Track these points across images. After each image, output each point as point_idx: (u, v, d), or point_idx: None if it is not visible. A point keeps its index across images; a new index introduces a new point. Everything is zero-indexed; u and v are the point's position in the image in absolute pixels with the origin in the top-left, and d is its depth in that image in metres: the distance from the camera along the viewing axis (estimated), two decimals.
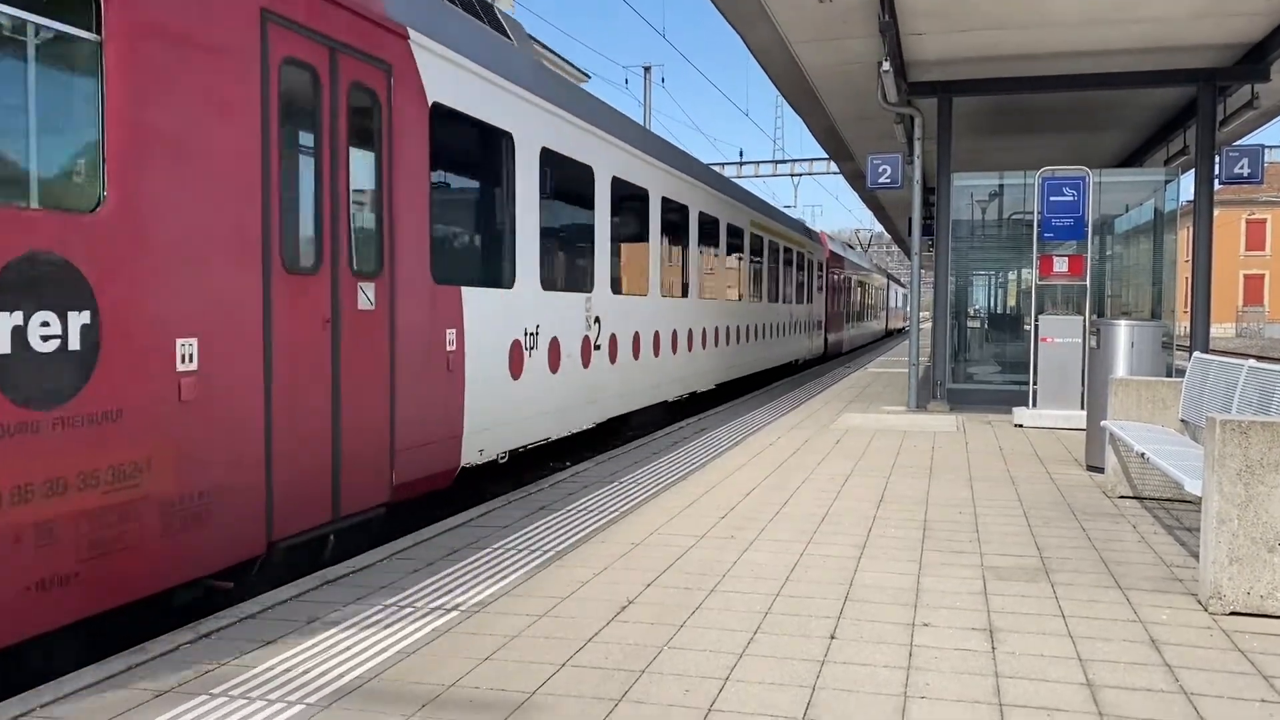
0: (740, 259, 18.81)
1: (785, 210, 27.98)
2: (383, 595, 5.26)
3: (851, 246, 47.48)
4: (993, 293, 21.81)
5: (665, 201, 13.84)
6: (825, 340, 30.96)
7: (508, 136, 8.81)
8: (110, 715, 3.72)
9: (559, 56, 46.48)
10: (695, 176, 15.48)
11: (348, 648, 4.47)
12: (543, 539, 6.55)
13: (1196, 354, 8.12)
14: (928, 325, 24.88)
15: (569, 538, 6.59)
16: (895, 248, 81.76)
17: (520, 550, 6.25)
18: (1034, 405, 13.22)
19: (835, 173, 43.44)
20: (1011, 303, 19.70)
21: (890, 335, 58.85)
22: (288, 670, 4.19)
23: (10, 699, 3.89)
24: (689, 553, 6.23)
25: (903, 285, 68.87)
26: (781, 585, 5.53)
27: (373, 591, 5.33)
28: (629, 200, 12.42)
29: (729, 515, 7.34)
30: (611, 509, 7.52)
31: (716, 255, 16.80)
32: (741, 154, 50.26)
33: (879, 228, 70.04)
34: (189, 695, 3.92)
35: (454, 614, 4.95)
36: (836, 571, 5.83)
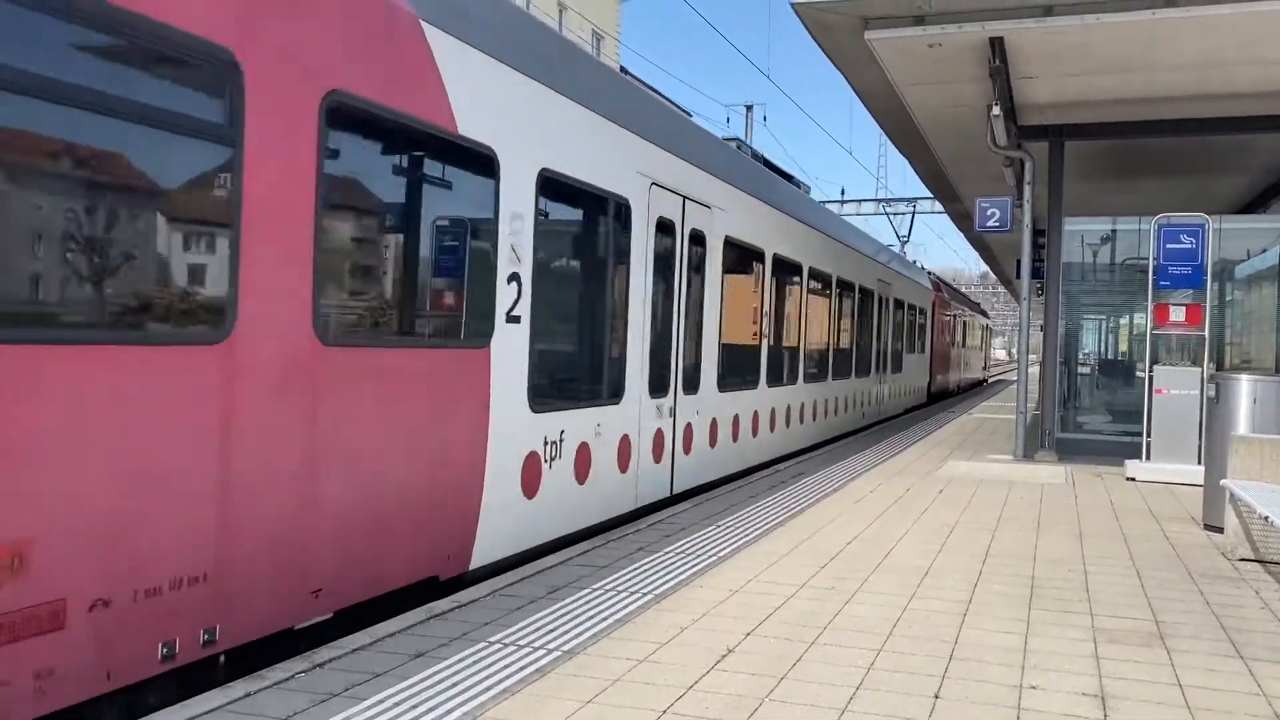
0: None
1: (890, 247, 26.85)
2: (487, 632, 5.36)
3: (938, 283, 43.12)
4: (1105, 339, 21.20)
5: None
6: (929, 391, 29.65)
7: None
8: None
9: (661, 95, 47.07)
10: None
11: (454, 684, 4.57)
12: (641, 581, 6.59)
13: None
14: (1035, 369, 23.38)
15: (667, 581, 6.62)
16: (1002, 288, 79.92)
17: (619, 592, 6.30)
18: (1147, 458, 12.77)
19: (940, 211, 42.91)
20: (1124, 349, 19.12)
21: (986, 384, 52.39)
22: (397, 704, 4.31)
23: None
24: (789, 602, 6.19)
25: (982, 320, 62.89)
26: (884, 640, 5.46)
27: (477, 628, 5.44)
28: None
29: (829, 565, 7.27)
30: (709, 553, 7.52)
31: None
32: (843, 192, 50.04)
33: (984, 267, 68.68)
34: None
35: (556, 654, 5.02)
36: (941, 628, 5.72)
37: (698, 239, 10.59)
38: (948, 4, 10.98)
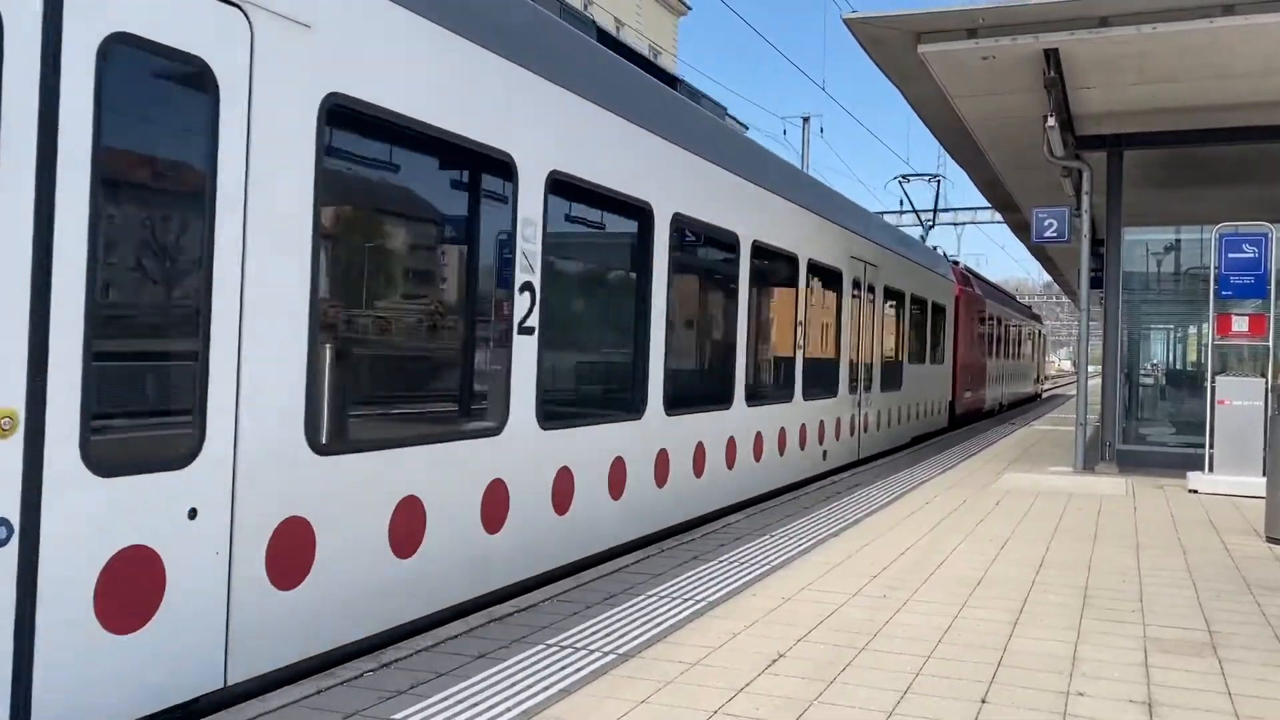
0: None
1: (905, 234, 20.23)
2: (545, 635, 5.56)
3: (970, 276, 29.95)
4: (1166, 350, 20.88)
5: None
6: (951, 412, 23.43)
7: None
8: None
9: (719, 106, 47.30)
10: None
11: (514, 683, 4.77)
12: (694, 589, 6.75)
13: None
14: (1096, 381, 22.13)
15: (720, 589, 6.76)
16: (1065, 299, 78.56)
17: (673, 599, 6.46)
18: (1210, 470, 12.60)
19: (999, 221, 42.41)
20: (1189, 359, 18.82)
21: (1039, 399, 44.90)
22: (459, 701, 4.51)
23: (209, 716, 4.33)
24: (840, 610, 6.30)
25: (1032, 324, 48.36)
26: (934, 647, 5.55)
27: (535, 631, 5.63)
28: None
29: (882, 574, 7.36)
30: (762, 562, 7.65)
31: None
32: (901, 203, 49.68)
33: (1046, 277, 67.58)
34: None
35: (611, 657, 5.20)
36: (991, 636, 5.79)
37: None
38: (1001, 17, 11.02)
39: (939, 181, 28.77)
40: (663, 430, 8.72)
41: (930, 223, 29.52)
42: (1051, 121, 12.42)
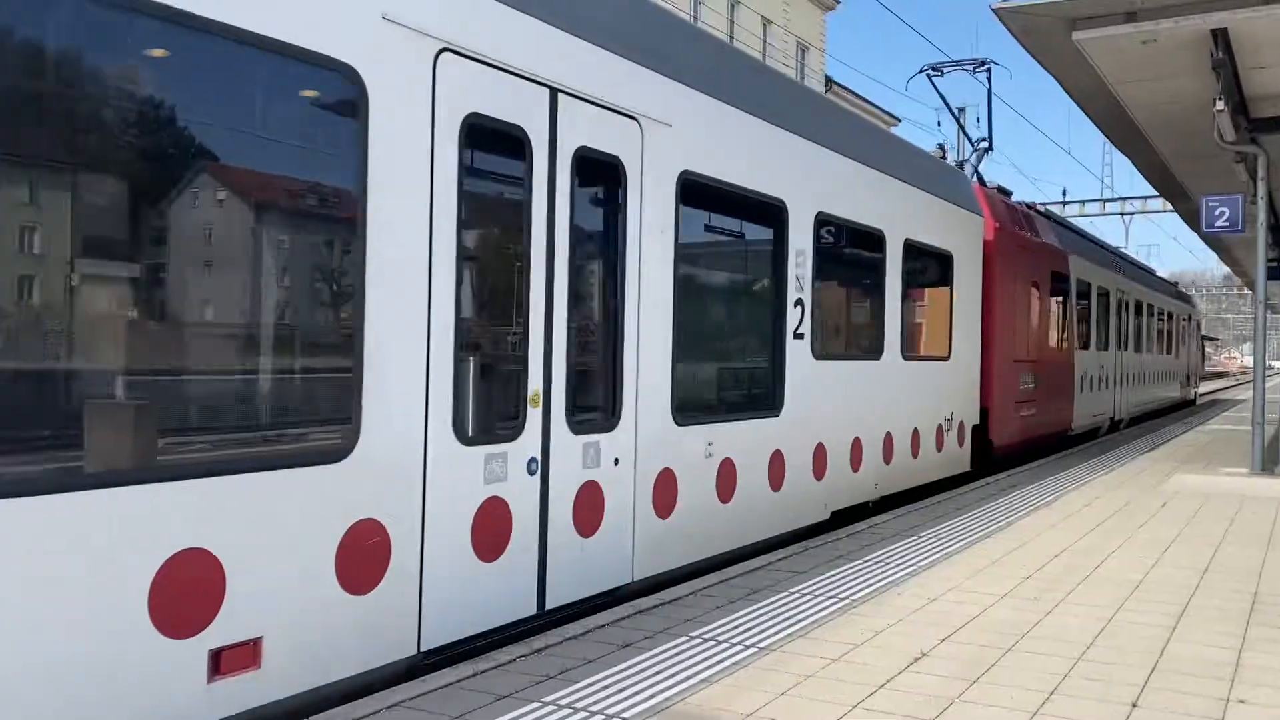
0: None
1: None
2: (688, 627, 5.71)
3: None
4: None
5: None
6: (983, 441, 13.50)
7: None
8: (460, 711, 4.39)
9: (868, 102, 46.53)
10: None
11: (657, 671, 4.94)
12: (838, 587, 6.77)
13: None
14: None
15: (864, 588, 6.76)
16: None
17: (816, 596, 6.51)
18: None
19: (1170, 210, 40.28)
20: None
21: (1193, 405, 34.11)
22: (604, 687, 4.71)
23: (366, 697, 4.65)
24: (988, 611, 6.22)
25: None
26: (1085, 650, 5.43)
27: (679, 623, 5.79)
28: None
29: (1034, 576, 7.20)
30: (909, 562, 7.59)
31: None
32: (1065, 193, 47.82)
33: (1225, 269, 63.63)
34: (523, 701, 4.52)
35: (752, 650, 5.30)
36: (1147, 640, 5.62)
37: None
38: None
39: (988, 71, 17.08)
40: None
41: (986, 144, 17.18)
42: (1221, 105, 11.77)
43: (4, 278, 3.65)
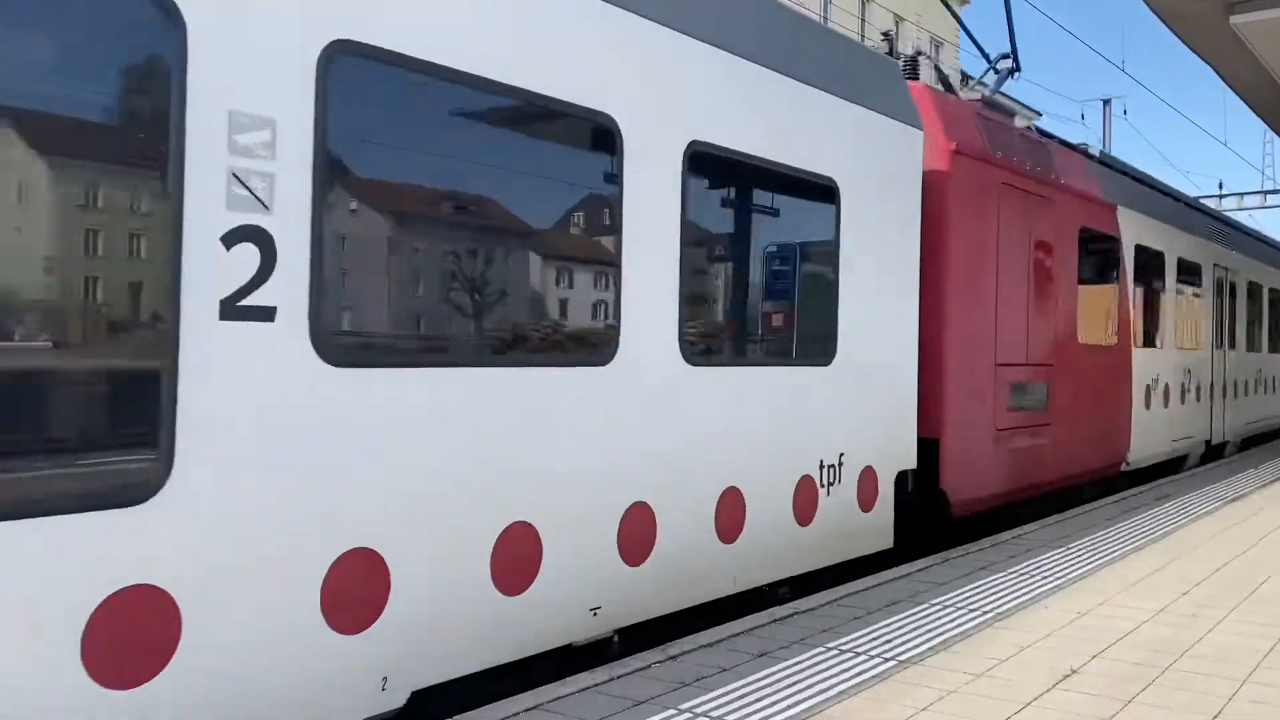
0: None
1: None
2: (825, 638, 5.62)
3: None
4: None
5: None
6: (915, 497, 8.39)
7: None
8: (598, 716, 4.42)
9: (1009, 96, 45.03)
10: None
11: (793, 682, 4.88)
12: (981, 599, 6.56)
13: None
14: None
15: (1009, 600, 6.54)
16: None
17: (958, 609, 6.32)
18: None
19: None
20: None
21: None
22: (740, 695, 4.68)
23: (504, 700, 4.72)
24: (1142, 627, 5.93)
25: None
26: (1251, 671, 5.11)
27: (815, 634, 5.71)
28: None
29: (1192, 591, 6.83)
30: (1057, 574, 7.30)
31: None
32: (1221, 185, 45.36)
33: None
34: (661, 708, 4.54)
35: (891, 663, 5.19)
36: None
37: None
38: None
39: None
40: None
41: (1011, 63, 11.96)
42: None
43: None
